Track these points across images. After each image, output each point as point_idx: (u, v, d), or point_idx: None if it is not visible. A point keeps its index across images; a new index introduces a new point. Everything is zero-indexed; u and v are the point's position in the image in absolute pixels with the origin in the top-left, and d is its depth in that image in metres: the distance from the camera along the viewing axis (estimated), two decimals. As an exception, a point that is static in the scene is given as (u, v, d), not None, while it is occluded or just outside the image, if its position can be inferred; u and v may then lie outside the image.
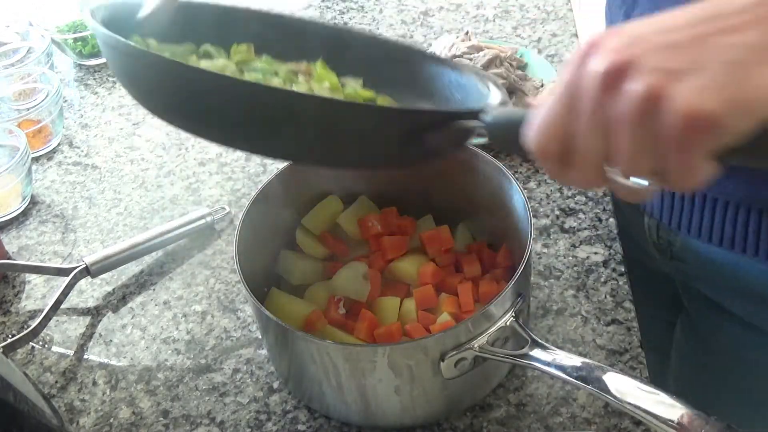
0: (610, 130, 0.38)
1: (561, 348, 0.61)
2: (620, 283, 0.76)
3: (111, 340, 0.78)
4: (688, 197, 0.70)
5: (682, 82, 0.36)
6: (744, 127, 0.36)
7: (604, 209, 0.83)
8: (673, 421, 0.50)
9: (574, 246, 0.80)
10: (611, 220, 0.82)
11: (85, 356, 0.76)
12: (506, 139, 0.46)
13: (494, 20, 1.13)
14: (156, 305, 0.80)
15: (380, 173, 0.78)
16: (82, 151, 1.02)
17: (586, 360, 0.56)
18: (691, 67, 0.36)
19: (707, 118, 0.35)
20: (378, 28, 1.16)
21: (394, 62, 0.63)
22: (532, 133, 0.42)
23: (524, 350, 0.60)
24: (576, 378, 0.55)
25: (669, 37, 0.37)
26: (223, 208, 0.89)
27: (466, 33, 1.01)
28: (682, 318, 0.85)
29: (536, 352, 0.59)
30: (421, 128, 0.48)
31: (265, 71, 0.59)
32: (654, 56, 0.37)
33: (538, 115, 0.41)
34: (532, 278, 0.76)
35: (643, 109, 0.36)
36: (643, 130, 0.37)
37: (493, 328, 0.61)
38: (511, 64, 0.97)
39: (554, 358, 0.58)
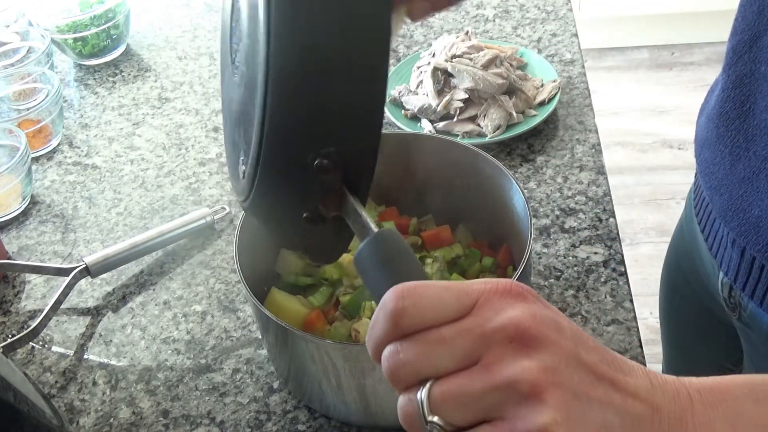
0: (469, 358, 0.35)
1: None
2: (620, 283, 0.76)
3: (111, 340, 0.78)
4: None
5: (561, 401, 0.34)
6: None
7: (604, 209, 0.83)
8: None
9: (574, 246, 0.80)
10: (611, 220, 0.82)
11: (85, 356, 0.76)
12: (373, 268, 0.40)
13: (494, 20, 1.13)
14: (156, 305, 0.80)
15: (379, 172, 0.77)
16: (82, 151, 1.02)
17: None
18: (577, 399, 0.34)
19: None
20: (378, 28, 1.15)
21: None
22: (408, 288, 0.36)
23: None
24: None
25: (579, 352, 0.35)
26: (223, 208, 0.89)
27: (466, 33, 1.01)
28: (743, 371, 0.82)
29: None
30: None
31: None
32: (559, 357, 0.35)
33: (421, 285, 0.36)
34: (532, 278, 0.76)
35: (514, 388, 0.34)
36: (493, 395, 0.34)
37: (493, 328, 0.61)
38: (511, 64, 0.98)
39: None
